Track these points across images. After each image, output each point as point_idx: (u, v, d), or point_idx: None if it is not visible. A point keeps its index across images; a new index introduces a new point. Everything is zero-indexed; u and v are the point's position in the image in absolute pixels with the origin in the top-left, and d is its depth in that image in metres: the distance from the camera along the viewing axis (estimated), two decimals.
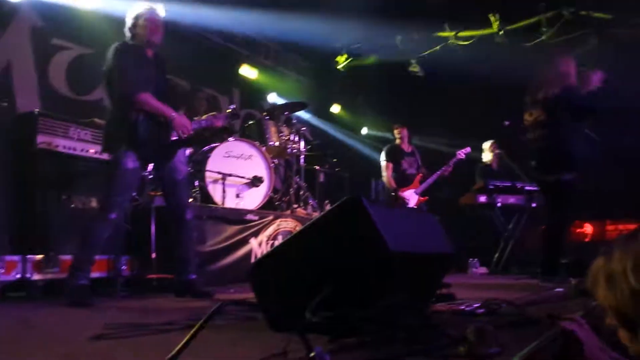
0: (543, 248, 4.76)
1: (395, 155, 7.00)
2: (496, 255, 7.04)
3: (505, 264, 6.95)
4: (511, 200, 7.09)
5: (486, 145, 7.55)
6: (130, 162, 3.56)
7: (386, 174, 6.98)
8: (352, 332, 1.71)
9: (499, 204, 7.06)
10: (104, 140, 3.75)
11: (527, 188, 6.92)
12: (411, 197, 6.77)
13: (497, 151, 7.46)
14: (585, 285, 1.09)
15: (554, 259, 4.66)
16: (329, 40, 8.98)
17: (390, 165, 6.96)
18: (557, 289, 3.67)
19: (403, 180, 6.90)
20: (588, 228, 7.51)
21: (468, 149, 6.85)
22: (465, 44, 7.78)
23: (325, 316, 1.73)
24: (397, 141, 7.13)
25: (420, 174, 6.93)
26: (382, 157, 7.10)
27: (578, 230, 7.52)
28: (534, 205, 6.94)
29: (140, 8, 3.81)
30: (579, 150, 4.60)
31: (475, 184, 7.41)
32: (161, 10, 3.86)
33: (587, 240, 7.35)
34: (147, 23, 3.73)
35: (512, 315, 2.36)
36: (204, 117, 4.08)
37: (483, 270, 6.94)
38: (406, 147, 7.10)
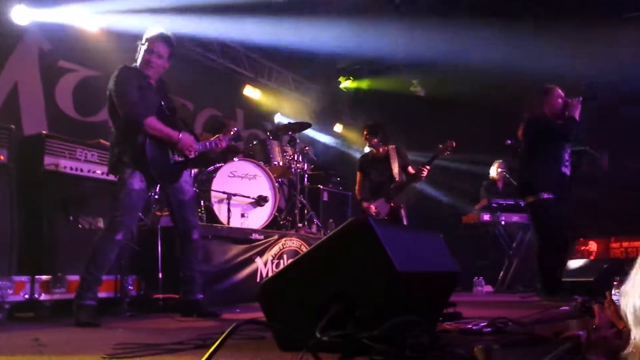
0: (539, 269, 4.88)
1: (363, 165, 6.29)
2: (501, 273, 7.03)
3: (510, 282, 6.95)
4: (514, 218, 7.12)
5: (495, 163, 7.59)
6: (137, 183, 3.59)
7: (356, 186, 6.38)
8: (362, 351, 1.72)
9: (502, 222, 7.08)
10: (110, 161, 3.77)
11: None
12: (381, 206, 5.99)
13: (500, 170, 7.50)
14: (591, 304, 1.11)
15: (552, 279, 4.72)
16: (331, 61, 9.13)
17: (361, 175, 6.29)
18: (563, 307, 3.68)
19: (376, 189, 6.10)
20: (593, 246, 7.49)
21: (450, 144, 5.73)
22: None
23: (335, 335, 1.74)
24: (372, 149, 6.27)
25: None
26: None
27: (583, 248, 7.50)
28: None
29: (149, 34, 3.76)
30: (555, 173, 4.77)
31: (480, 201, 7.43)
32: (168, 38, 3.79)
33: (591, 258, 7.32)
34: (148, 56, 3.71)
35: (518, 334, 2.37)
36: (211, 138, 4.13)
37: (488, 288, 6.92)
38: (380, 152, 6.15)
